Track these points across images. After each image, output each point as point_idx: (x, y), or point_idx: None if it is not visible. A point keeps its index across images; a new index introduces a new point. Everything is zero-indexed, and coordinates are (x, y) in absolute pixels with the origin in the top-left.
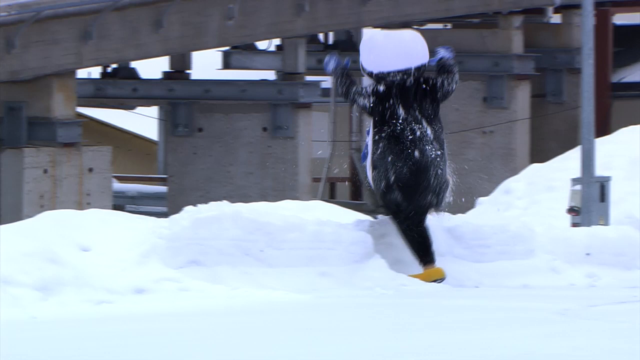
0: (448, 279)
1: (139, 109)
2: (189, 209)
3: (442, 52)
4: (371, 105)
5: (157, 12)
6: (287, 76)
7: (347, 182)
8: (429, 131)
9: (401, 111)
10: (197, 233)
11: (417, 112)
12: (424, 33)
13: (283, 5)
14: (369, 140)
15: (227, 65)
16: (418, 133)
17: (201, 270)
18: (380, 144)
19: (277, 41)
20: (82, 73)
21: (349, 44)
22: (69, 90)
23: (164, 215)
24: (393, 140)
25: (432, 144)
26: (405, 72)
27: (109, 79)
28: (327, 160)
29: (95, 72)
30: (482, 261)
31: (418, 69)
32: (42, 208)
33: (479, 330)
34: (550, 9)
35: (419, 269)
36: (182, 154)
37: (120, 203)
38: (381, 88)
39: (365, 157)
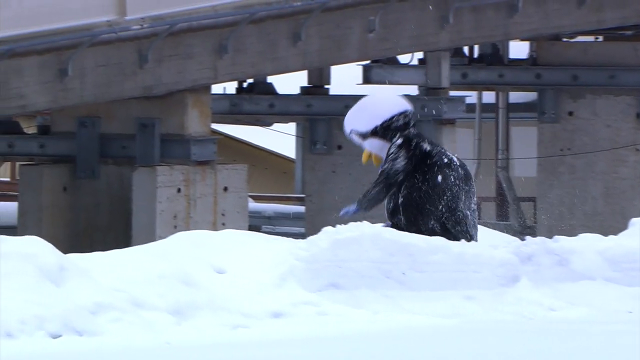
0: (598, 304)
1: (276, 126)
2: (327, 229)
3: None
4: (405, 163)
5: (295, 24)
6: (430, 91)
7: (494, 202)
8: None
9: (426, 145)
10: (336, 255)
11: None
12: (574, 46)
13: (426, 17)
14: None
15: (367, 79)
16: (446, 160)
17: (340, 294)
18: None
19: (419, 54)
20: (217, 88)
21: (495, 58)
22: (203, 106)
23: (302, 236)
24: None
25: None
26: (405, 114)
27: (244, 94)
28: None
29: (230, 87)
30: (635, 285)
31: (412, 111)
32: (176, 229)
33: (633, 357)
34: None
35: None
36: (321, 172)
37: (257, 223)
38: (400, 140)
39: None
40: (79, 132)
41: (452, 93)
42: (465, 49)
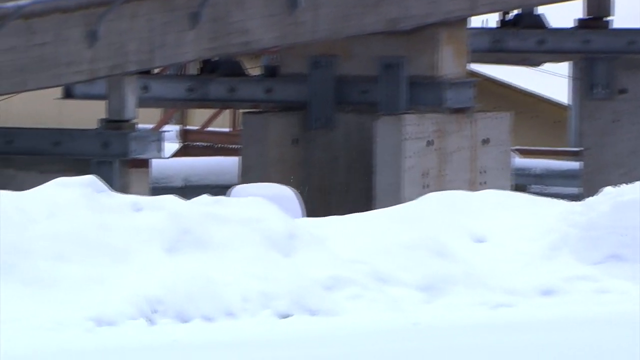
0: None
1: (546, 66)
2: (608, 190)
3: None
4: None
5: None
6: None
7: None
8: None
9: None
10: (618, 220)
11: None
12: None
13: None
14: None
15: None
16: None
17: (622, 267)
18: None
19: None
20: (475, 21)
21: None
22: (459, 42)
23: (577, 197)
24: None
25: None
26: None
27: (508, 28)
28: None
29: (491, 20)
30: None
31: None
32: (426, 189)
33: None
34: None
35: None
36: (601, 121)
37: (523, 182)
38: None
39: None
40: (312, 74)
41: None
42: None
